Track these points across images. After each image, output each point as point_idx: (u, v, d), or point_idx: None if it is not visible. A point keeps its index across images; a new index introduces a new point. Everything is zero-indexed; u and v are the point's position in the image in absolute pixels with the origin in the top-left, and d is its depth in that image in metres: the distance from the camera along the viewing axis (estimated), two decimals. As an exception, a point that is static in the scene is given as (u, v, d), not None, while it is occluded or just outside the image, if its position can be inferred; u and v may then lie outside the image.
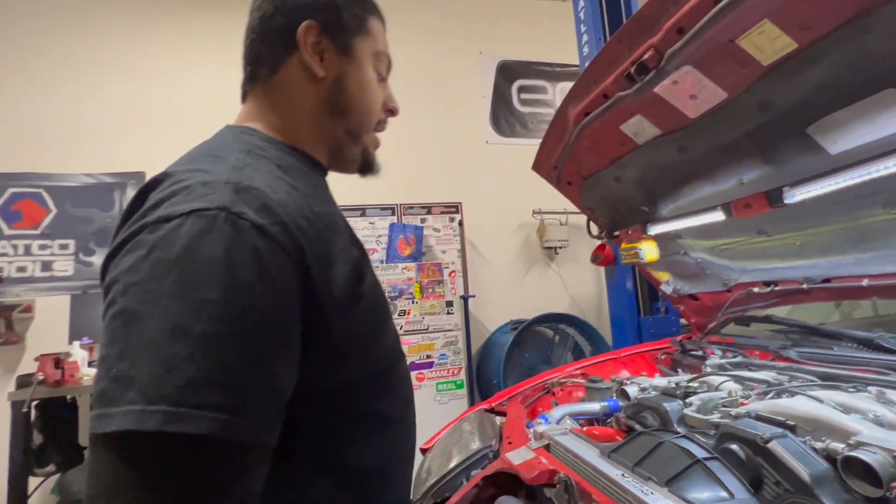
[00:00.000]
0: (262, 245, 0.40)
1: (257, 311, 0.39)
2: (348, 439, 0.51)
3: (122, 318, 0.37)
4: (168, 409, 0.34)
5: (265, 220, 0.41)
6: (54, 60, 3.01)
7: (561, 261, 3.64)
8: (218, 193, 0.41)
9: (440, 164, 3.55)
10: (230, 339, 0.37)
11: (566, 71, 3.97)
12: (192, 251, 0.38)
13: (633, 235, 1.43)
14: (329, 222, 0.50)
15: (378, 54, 0.62)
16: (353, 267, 0.50)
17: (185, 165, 0.48)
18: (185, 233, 0.39)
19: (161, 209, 0.41)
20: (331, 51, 0.57)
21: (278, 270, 0.41)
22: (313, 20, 0.56)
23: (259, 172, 0.47)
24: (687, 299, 1.60)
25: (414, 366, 2.62)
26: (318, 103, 0.58)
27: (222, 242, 0.39)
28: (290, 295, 0.42)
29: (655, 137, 1.16)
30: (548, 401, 1.46)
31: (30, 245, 2.85)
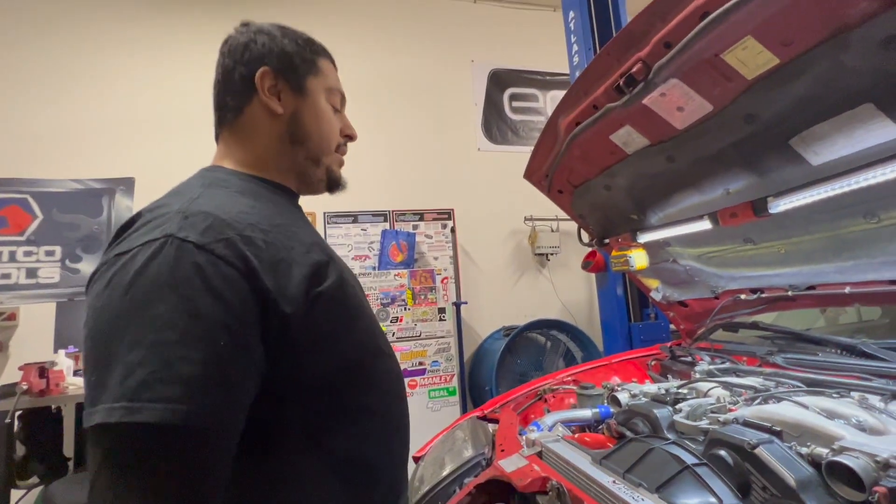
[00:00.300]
0: (204, 261, 0.47)
1: (200, 317, 0.45)
2: (329, 432, 0.56)
3: (93, 339, 0.46)
4: (126, 404, 0.42)
5: (208, 239, 0.48)
6: (42, 66, 2.98)
7: (552, 267, 3.66)
8: (168, 224, 0.49)
9: (432, 171, 3.57)
10: (176, 344, 0.44)
11: (556, 79, 4.02)
12: (141, 275, 0.46)
13: (623, 243, 1.45)
14: (288, 232, 0.57)
15: (330, 90, 0.70)
16: (312, 269, 0.55)
17: (153, 204, 0.56)
18: (138, 260, 0.46)
19: (124, 244, 0.50)
20: (286, 90, 0.66)
21: (222, 280, 0.47)
22: (268, 67, 0.65)
23: (213, 199, 0.55)
24: (676, 306, 1.62)
25: (406, 373, 2.61)
26: (279, 136, 0.66)
27: (167, 264, 0.46)
28: (238, 300, 0.48)
29: (644, 147, 1.18)
30: (540, 408, 1.47)
31: (14, 252, 2.79)
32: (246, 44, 0.66)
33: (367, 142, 3.39)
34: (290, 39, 0.68)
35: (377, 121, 3.49)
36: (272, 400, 0.51)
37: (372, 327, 0.66)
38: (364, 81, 3.49)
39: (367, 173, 3.37)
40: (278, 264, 0.52)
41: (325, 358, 0.56)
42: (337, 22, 3.58)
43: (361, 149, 3.43)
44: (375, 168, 3.41)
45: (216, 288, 0.46)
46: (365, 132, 3.42)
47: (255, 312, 0.49)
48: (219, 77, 0.68)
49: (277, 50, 0.66)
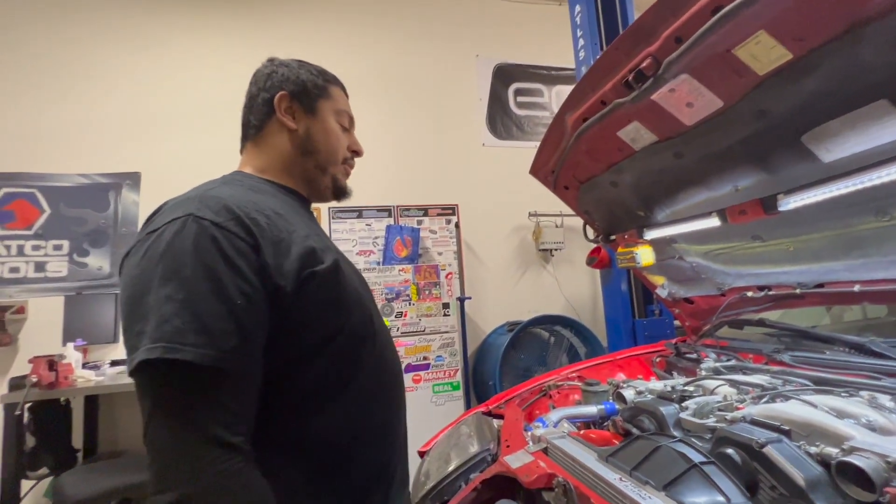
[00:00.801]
0: (219, 234, 0.57)
1: (220, 280, 0.54)
2: (314, 398, 0.62)
3: (133, 298, 0.54)
4: (165, 345, 0.50)
5: (222, 218, 0.58)
6: (48, 61, 2.99)
7: (556, 263, 3.66)
8: (188, 205, 0.59)
9: (437, 167, 3.56)
10: (203, 301, 0.53)
11: (562, 74, 3.99)
12: (171, 246, 0.55)
13: (629, 240, 1.44)
14: (290, 220, 0.66)
15: (339, 112, 0.82)
16: (308, 251, 0.63)
17: (175, 197, 0.65)
18: (166, 235, 0.57)
19: (153, 223, 0.60)
20: (300, 111, 0.78)
21: (234, 251, 0.56)
22: (285, 91, 0.77)
23: (225, 190, 0.65)
24: (682, 303, 1.61)
25: (410, 367, 2.62)
26: (292, 147, 0.78)
27: (190, 237, 0.56)
28: (247, 266, 0.57)
29: (652, 144, 1.17)
30: (545, 403, 1.47)
31: (23, 245, 2.82)
32: (269, 74, 0.79)
33: (372, 137, 3.39)
34: (305, 70, 0.81)
35: (381, 116, 3.48)
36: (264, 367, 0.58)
37: (366, 314, 0.70)
38: (368, 76, 3.48)
39: (371, 168, 3.36)
40: (279, 243, 0.61)
41: (311, 332, 0.62)
42: (340, 16, 3.56)
43: (366, 144, 3.42)
44: (380, 163, 3.40)
45: (231, 257, 0.56)
46: (369, 127, 3.43)
47: (259, 279, 0.58)
48: (246, 101, 0.80)
49: (293, 78, 0.79)
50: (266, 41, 3.33)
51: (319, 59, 0.88)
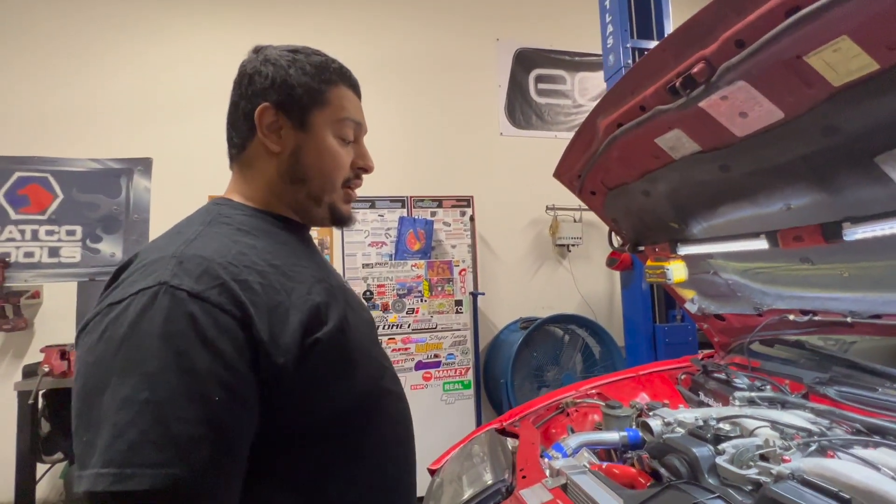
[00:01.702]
0: (198, 310, 0.45)
1: (194, 373, 0.44)
2: (322, 478, 0.54)
3: (84, 395, 0.44)
4: (114, 471, 0.40)
5: (203, 286, 0.47)
6: (62, 45, 2.92)
7: (573, 259, 3.55)
8: (162, 269, 0.48)
9: (453, 156, 3.44)
10: (169, 402, 0.42)
11: (586, 60, 3.80)
12: (134, 328, 0.44)
13: (660, 253, 1.34)
14: (289, 272, 0.56)
15: (340, 121, 0.65)
16: (310, 315, 0.53)
17: (151, 244, 0.56)
18: (131, 312, 0.45)
19: (118, 290, 0.48)
20: (287, 126, 0.62)
21: (217, 329, 0.46)
22: (268, 103, 0.61)
23: (211, 239, 0.53)
24: (712, 319, 1.51)
25: (421, 365, 2.58)
26: (279, 174, 0.63)
27: (160, 315, 0.44)
28: (232, 349, 0.46)
29: (694, 154, 1.06)
30: (561, 423, 1.40)
31: (37, 230, 2.81)
32: (251, 76, 0.63)
33: (386, 125, 3.29)
34: (297, 69, 0.62)
35: (396, 102, 3.36)
36: (263, 450, 0.50)
37: (376, 370, 0.63)
38: (382, 61, 3.35)
39: (385, 157, 3.26)
40: (275, 309, 0.51)
41: (319, 406, 0.54)
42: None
43: (379, 132, 3.32)
44: (394, 152, 3.30)
45: (210, 339, 0.45)
46: (383, 114, 3.32)
47: (250, 360, 0.48)
48: (228, 112, 0.65)
49: (280, 82, 0.62)
50: (277, 25, 3.21)
51: (330, 44, 0.75)
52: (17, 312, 2.69)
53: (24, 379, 2.25)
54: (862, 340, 1.44)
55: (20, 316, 2.70)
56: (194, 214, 0.60)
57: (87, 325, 0.48)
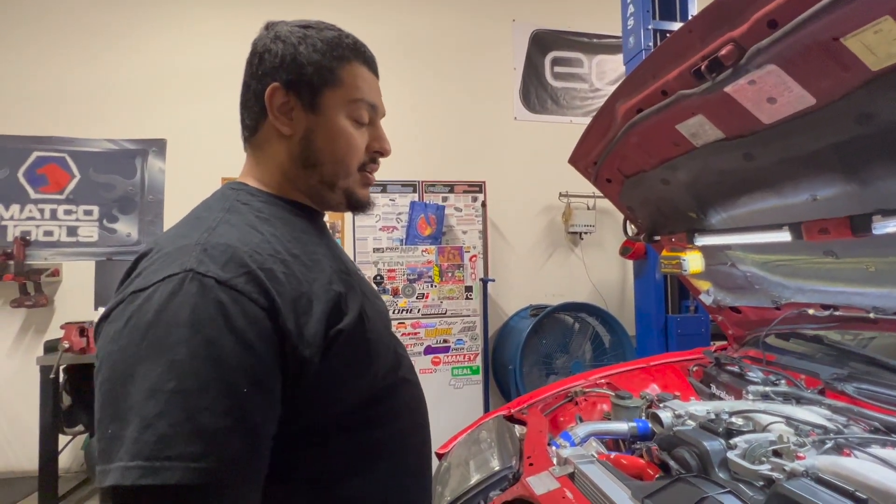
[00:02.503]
0: (227, 298, 0.44)
1: (223, 363, 0.42)
2: (343, 472, 0.53)
3: (109, 385, 0.42)
4: (143, 464, 0.38)
5: (230, 274, 0.46)
6: (80, 26, 2.93)
7: (585, 246, 3.51)
8: (187, 256, 0.46)
9: (465, 141, 3.40)
10: (198, 393, 0.41)
11: (604, 43, 3.69)
12: (161, 315, 0.42)
13: (676, 243, 1.31)
14: (309, 261, 0.55)
15: (354, 102, 0.61)
16: (332, 305, 0.52)
17: (171, 231, 0.54)
18: (156, 299, 0.43)
19: (141, 278, 0.46)
20: (298, 108, 0.60)
21: (245, 318, 0.44)
22: (277, 83, 0.58)
23: (234, 227, 0.52)
24: (727, 311, 1.49)
25: (430, 349, 2.59)
26: (291, 158, 0.61)
27: (188, 302, 0.43)
28: (260, 340, 0.45)
29: (717, 141, 1.03)
30: (570, 411, 1.40)
31: (55, 210, 2.87)
32: (261, 54, 0.60)
33: (398, 108, 3.23)
34: (307, 46, 0.59)
35: (408, 85, 3.31)
36: (281, 447, 0.48)
37: (393, 360, 0.63)
38: (393, 42, 3.29)
39: (397, 141, 3.21)
40: (299, 300, 0.50)
41: (340, 400, 0.53)
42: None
43: (391, 115, 3.28)
44: (406, 136, 3.27)
45: (239, 328, 0.44)
46: (395, 97, 3.25)
47: (276, 352, 0.47)
48: (241, 90, 0.63)
49: (290, 61, 0.59)
50: (291, 3, 3.16)
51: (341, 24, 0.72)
52: (38, 289, 2.76)
53: (45, 354, 2.33)
54: (881, 336, 1.40)
55: (41, 293, 2.77)
56: (211, 200, 0.59)
57: (109, 314, 0.46)
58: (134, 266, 0.50)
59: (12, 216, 2.78)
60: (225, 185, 0.62)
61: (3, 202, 2.78)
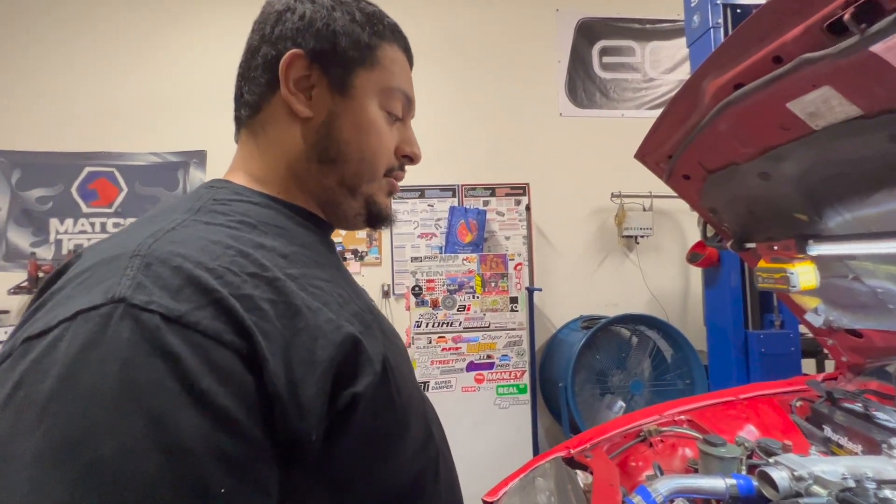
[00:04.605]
0: (181, 345, 0.28)
1: (183, 452, 0.27)
2: None
3: None
4: None
5: (186, 305, 0.30)
6: (121, 40, 3.00)
7: (642, 251, 3.20)
8: (117, 276, 0.30)
9: (507, 140, 3.20)
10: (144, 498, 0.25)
11: (659, 28, 3.37)
12: (69, 382, 0.26)
13: (781, 253, 1.05)
14: (311, 287, 0.39)
15: (389, 90, 0.49)
16: (344, 354, 0.36)
17: (114, 235, 0.38)
18: (62, 353, 0.27)
19: (42, 314, 0.30)
20: (323, 86, 0.47)
21: (213, 374, 0.29)
22: (301, 50, 0.45)
23: (195, 233, 0.36)
24: (842, 334, 1.20)
25: (472, 366, 2.41)
26: (303, 149, 0.47)
27: (115, 358, 0.27)
28: (237, 404, 0.29)
29: (848, 120, 0.78)
30: (643, 454, 1.17)
31: (105, 223, 2.95)
32: (280, 13, 0.47)
33: (435, 107, 3.10)
34: (344, 12, 0.47)
35: (445, 83, 3.16)
36: None
37: (425, 427, 0.46)
38: (430, 38, 3.15)
39: (434, 143, 3.09)
40: (293, 339, 0.33)
41: (352, 491, 0.37)
42: (406, -27, 3.22)
43: (428, 116, 3.13)
44: (444, 137, 3.12)
45: (205, 391, 0.28)
46: (431, 96, 3.08)
47: (264, 419, 0.31)
48: (241, 60, 0.50)
49: (320, 25, 0.45)
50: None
51: None
52: (89, 301, 2.83)
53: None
54: None
55: (92, 304, 2.84)
56: (181, 197, 0.44)
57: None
58: (43, 289, 0.33)
59: (66, 230, 2.87)
60: (208, 182, 0.47)
61: (59, 216, 2.88)
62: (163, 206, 0.42)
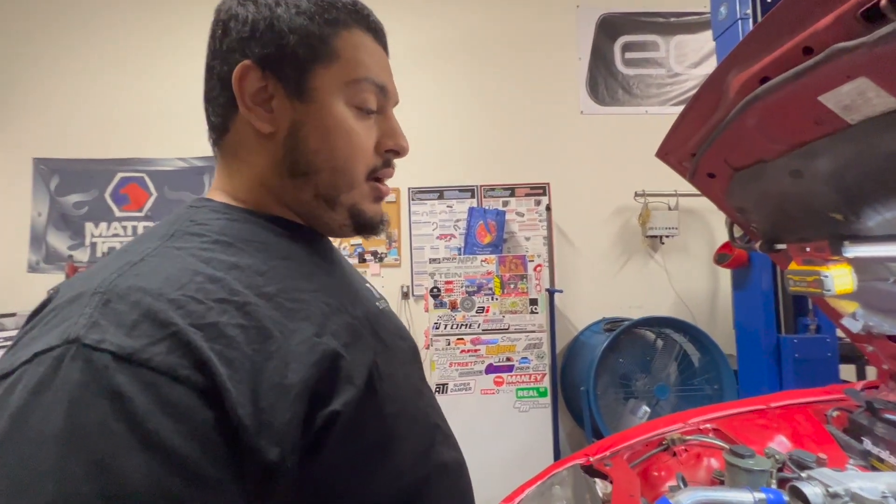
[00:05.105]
0: (130, 385, 0.28)
1: (127, 502, 0.26)
2: None
3: None
4: None
5: (140, 341, 0.29)
6: (155, 54, 3.10)
7: (666, 252, 3.10)
8: (77, 314, 0.30)
9: (526, 140, 3.16)
10: None
11: (684, 21, 3.27)
12: (19, 425, 0.26)
13: (815, 254, 1.00)
14: (290, 303, 0.37)
15: (355, 83, 0.44)
16: (320, 372, 0.35)
17: (89, 269, 0.38)
18: (17, 396, 0.27)
19: (12, 352, 0.31)
20: (280, 94, 0.43)
21: (165, 414, 0.28)
22: (249, 60, 0.42)
23: (166, 261, 0.35)
24: (883, 340, 1.13)
25: (492, 368, 2.39)
26: (273, 167, 0.44)
27: (62, 400, 0.27)
28: (194, 445, 0.28)
29: (887, 113, 0.73)
30: (666, 463, 1.13)
31: (136, 227, 3.06)
32: (225, 23, 0.43)
33: (452, 107, 3.09)
34: (288, 7, 0.42)
35: (463, 82, 3.14)
36: None
37: (425, 438, 0.45)
38: (447, 37, 3.14)
39: (452, 144, 3.09)
40: (264, 367, 0.32)
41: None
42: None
43: (447, 116, 3.13)
44: (462, 138, 3.11)
45: (154, 433, 0.27)
46: (448, 96, 3.06)
47: (225, 458, 0.30)
48: (204, 76, 0.47)
49: (263, 27, 0.41)
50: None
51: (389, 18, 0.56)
52: (122, 302, 2.95)
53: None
54: None
55: (125, 305, 2.95)
56: (158, 224, 0.43)
57: None
58: (33, 316, 0.34)
59: (100, 233, 3.00)
60: (187, 203, 0.45)
61: (94, 221, 3.00)
62: (141, 234, 0.42)
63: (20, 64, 3.05)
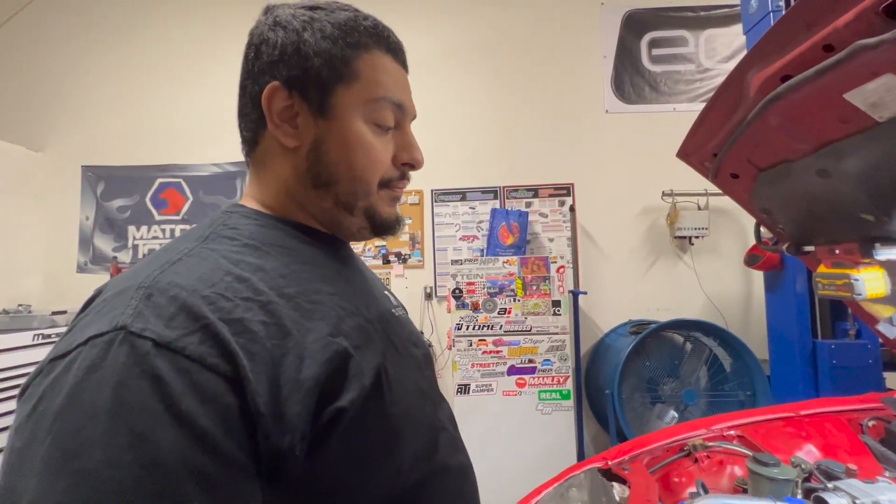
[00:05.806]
0: (167, 369, 0.32)
1: (161, 468, 0.30)
2: None
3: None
4: None
5: (176, 331, 0.33)
6: (192, 64, 3.25)
7: (696, 253, 3.01)
8: (123, 306, 0.34)
9: (549, 140, 3.13)
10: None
11: (714, 15, 3.16)
12: (74, 399, 0.31)
13: (844, 257, 0.96)
14: (309, 304, 0.41)
15: (374, 102, 0.48)
16: (331, 369, 0.38)
17: (133, 267, 0.42)
18: (73, 373, 0.32)
19: (66, 338, 0.35)
20: (305, 112, 0.48)
21: (196, 396, 0.32)
22: (277, 82, 0.47)
23: (202, 262, 0.39)
24: (924, 347, 1.07)
25: (514, 370, 2.38)
26: (297, 178, 0.49)
27: (111, 380, 0.31)
28: (219, 426, 0.32)
29: (918, 110, 0.70)
30: (686, 469, 1.11)
31: (174, 229, 3.21)
32: (257, 47, 0.48)
33: (475, 108, 3.10)
34: (314, 32, 0.47)
35: (485, 83, 3.15)
36: None
37: (428, 440, 0.47)
38: (470, 36, 3.15)
39: (475, 145, 3.10)
40: (282, 361, 0.36)
41: (352, 501, 0.39)
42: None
43: (469, 116, 3.14)
44: (485, 138, 3.11)
45: (186, 412, 0.31)
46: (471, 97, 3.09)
47: (247, 441, 0.33)
48: (238, 94, 0.52)
49: (291, 52, 0.46)
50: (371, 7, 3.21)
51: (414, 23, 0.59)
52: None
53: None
54: None
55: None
56: (196, 226, 0.47)
57: (25, 388, 0.34)
58: (85, 307, 0.39)
59: (142, 236, 3.17)
60: (222, 209, 0.50)
61: (135, 224, 3.18)
62: (181, 235, 0.47)
63: (71, 80, 3.27)
